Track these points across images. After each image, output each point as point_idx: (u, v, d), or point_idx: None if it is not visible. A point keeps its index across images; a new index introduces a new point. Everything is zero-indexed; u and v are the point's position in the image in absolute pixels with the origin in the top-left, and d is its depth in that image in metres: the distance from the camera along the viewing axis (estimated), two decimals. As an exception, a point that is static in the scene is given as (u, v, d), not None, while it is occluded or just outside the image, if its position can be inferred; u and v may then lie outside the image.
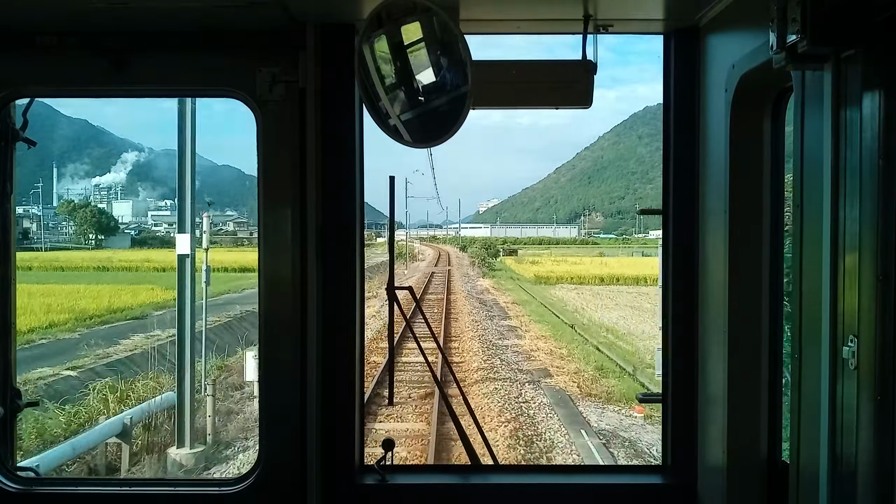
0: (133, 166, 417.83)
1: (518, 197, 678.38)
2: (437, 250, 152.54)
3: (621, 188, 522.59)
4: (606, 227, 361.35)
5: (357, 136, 3.51)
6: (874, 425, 2.02)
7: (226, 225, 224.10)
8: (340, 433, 3.50)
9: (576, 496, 3.60)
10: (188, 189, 15.43)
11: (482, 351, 28.10)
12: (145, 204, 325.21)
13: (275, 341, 3.41)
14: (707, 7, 3.18)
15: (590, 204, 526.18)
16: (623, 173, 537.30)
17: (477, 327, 34.54)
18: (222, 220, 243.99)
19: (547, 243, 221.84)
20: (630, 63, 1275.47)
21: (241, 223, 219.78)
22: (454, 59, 3.05)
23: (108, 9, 3.06)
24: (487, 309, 43.51)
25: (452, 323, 35.67)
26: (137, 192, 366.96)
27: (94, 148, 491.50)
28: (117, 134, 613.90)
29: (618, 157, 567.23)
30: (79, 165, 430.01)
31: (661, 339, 3.74)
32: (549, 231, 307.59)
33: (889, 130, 1.98)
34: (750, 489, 3.07)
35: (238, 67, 3.35)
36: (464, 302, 46.20)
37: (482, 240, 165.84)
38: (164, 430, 17.43)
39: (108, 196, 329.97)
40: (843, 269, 2.10)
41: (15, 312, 3.62)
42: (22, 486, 3.47)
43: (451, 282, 62.32)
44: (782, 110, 3.02)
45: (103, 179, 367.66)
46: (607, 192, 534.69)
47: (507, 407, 19.75)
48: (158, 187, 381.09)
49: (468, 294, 52.64)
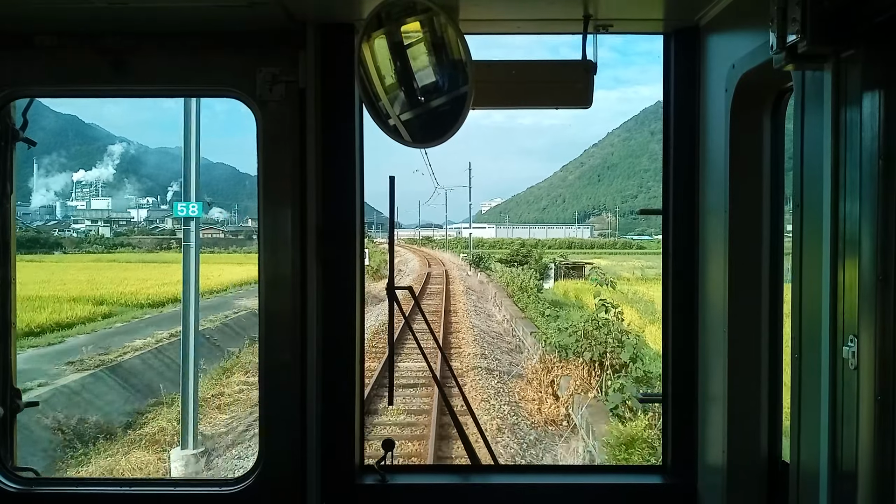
0: (120, 161, 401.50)
1: (523, 196, 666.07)
2: (426, 261, 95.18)
3: (634, 186, 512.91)
4: (622, 228, 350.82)
5: (357, 136, 3.51)
6: (874, 425, 2.03)
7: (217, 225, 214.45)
8: (340, 433, 3.51)
9: (576, 496, 3.60)
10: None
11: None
12: (126, 202, 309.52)
13: (275, 341, 3.41)
14: (707, 7, 3.18)
15: (600, 203, 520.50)
16: (635, 171, 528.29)
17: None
18: (210, 220, 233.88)
19: (580, 246, 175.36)
20: (633, 64, 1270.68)
21: (218, 224, 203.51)
22: (454, 59, 3.06)
23: (108, 9, 3.06)
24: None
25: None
26: (122, 187, 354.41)
27: (79, 142, 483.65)
28: (115, 133, 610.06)
29: (629, 154, 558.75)
30: (63, 160, 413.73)
31: (661, 338, 3.74)
32: (559, 231, 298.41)
33: (889, 130, 1.99)
34: (750, 489, 3.07)
35: (238, 67, 3.35)
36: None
37: (491, 242, 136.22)
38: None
39: (89, 192, 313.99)
40: (843, 268, 2.11)
41: (15, 312, 3.62)
42: (22, 486, 3.48)
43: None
44: (782, 110, 3.01)
45: (86, 175, 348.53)
46: (619, 191, 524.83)
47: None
48: (145, 183, 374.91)
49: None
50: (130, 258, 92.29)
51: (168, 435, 17.83)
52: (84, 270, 60.83)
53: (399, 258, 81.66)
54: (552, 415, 18.19)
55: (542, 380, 19.92)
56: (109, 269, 64.76)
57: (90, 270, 60.81)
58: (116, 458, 16.53)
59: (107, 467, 15.76)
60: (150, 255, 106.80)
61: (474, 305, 40.82)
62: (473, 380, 21.42)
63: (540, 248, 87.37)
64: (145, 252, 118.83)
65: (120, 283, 47.11)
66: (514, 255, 69.64)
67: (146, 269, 63.01)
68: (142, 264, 73.95)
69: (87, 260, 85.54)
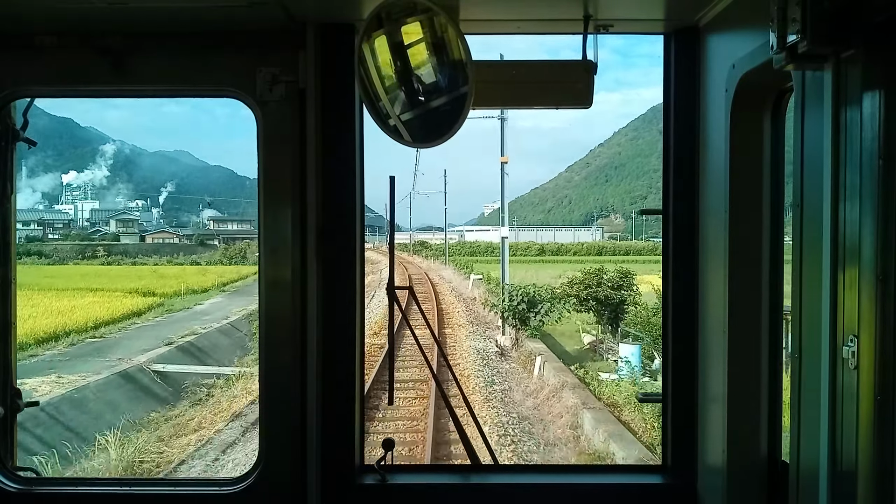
0: (113, 163, 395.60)
1: (527, 197, 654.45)
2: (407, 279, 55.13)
3: (643, 187, 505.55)
4: (632, 230, 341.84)
5: (357, 136, 3.51)
6: (874, 425, 2.03)
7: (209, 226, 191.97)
8: (340, 433, 3.51)
9: (575, 496, 3.60)
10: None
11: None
12: (113, 204, 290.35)
13: (274, 342, 3.42)
14: (707, 7, 3.18)
15: (608, 204, 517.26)
16: (644, 171, 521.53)
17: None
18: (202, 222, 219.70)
19: (612, 251, 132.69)
20: (635, 66, 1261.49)
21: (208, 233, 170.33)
22: (454, 59, 3.06)
23: (108, 9, 3.07)
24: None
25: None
26: (113, 191, 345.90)
27: (70, 142, 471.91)
28: (115, 136, 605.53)
29: (637, 154, 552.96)
30: (52, 162, 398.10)
31: (662, 338, 3.73)
32: (567, 235, 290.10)
33: (889, 130, 1.99)
34: (750, 489, 3.07)
35: (238, 67, 3.35)
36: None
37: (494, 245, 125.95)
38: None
39: (77, 196, 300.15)
40: (843, 268, 2.11)
41: (15, 312, 3.62)
42: (22, 486, 3.49)
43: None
44: (782, 110, 3.02)
45: (77, 178, 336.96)
46: (627, 192, 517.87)
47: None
48: (136, 187, 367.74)
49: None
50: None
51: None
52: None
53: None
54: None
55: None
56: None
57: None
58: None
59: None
60: (51, 267, 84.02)
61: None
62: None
63: (563, 253, 70.91)
64: (46, 264, 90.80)
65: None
66: (591, 284, 33.53)
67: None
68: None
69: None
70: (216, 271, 74.23)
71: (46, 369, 24.77)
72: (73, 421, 20.15)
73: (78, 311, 37.11)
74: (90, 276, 65.11)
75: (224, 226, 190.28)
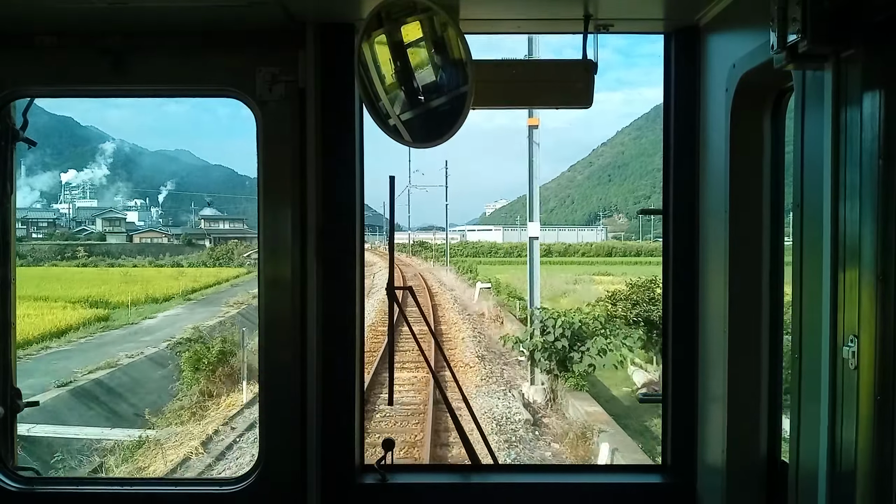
0: (113, 162, 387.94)
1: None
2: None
3: (647, 186, 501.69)
4: (636, 229, 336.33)
5: (357, 136, 3.51)
6: (874, 425, 2.02)
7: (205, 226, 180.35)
8: (340, 433, 3.51)
9: (576, 495, 3.60)
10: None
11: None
12: (112, 203, 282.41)
13: (274, 341, 3.42)
14: (707, 7, 3.18)
15: (611, 203, 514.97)
16: (647, 170, 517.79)
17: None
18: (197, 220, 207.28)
19: (624, 252, 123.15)
20: (636, 65, 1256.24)
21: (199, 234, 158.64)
22: (454, 59, 3.06)
23: (108, 9, 3.07)
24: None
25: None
26: (112, 190, 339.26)
27: (70, 140, 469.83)
28: (117, 136, 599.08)
29: (641, 153, 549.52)
30: (51, 160, 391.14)
31: (662, 338, 3.73)
32: (571, 235, 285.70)
33: (889, 130, 1.99)
34: (749, 489, 3.07)
35: (238, 67, 3.35)
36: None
37: (505, 247, 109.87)
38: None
39: (77, 195, 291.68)
40: (843, 268, 2.11)
41: (15, 312, 3.63)
42: (22, 486, 3.49)
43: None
44: (782, 110, 3.01)
45: (76, 176, 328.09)
46: (631, 191, 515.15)
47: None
48: (136, 185, 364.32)
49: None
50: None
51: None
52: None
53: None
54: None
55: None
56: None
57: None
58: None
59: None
60: (31, 269, 77.37)
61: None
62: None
63: (571, 254, 63.04)
64: (18, 266, 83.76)
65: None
66: (640, 301, 25.22)
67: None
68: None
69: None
70: (193, 274, 68.09)
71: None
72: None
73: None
74: (48, 280, 56.89)
75: (216, 224, 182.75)
